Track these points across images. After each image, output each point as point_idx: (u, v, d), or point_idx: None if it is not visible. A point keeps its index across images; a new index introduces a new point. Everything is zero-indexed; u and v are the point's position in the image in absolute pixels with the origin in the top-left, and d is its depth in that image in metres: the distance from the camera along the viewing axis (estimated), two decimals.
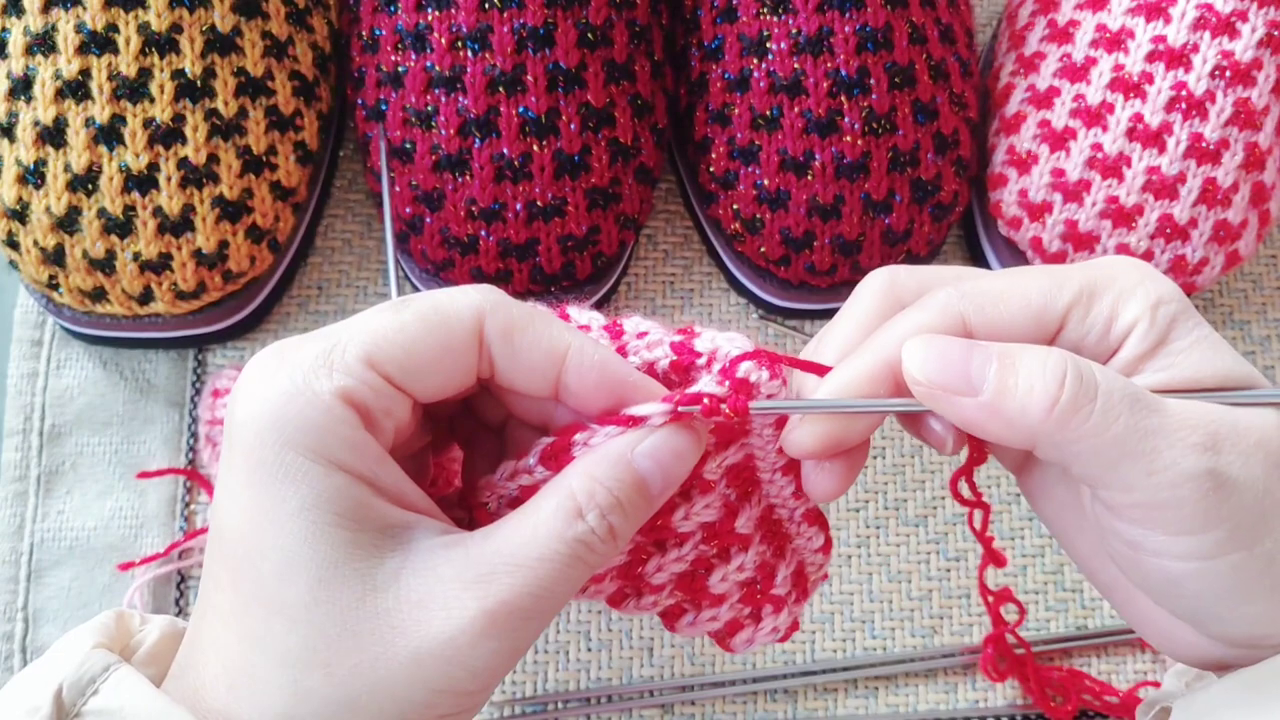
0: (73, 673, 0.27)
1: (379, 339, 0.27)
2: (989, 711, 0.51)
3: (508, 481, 0.29)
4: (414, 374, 0.27)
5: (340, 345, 0.27)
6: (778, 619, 0.33)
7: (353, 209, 0.58)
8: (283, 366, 0.26)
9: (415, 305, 0.27)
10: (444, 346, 0.27)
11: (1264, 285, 0.58)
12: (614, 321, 0.31)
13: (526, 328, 0.28)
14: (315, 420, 0.26)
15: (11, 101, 0.48)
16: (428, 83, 0.49)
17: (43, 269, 0.49)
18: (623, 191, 0.52)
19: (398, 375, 0.27)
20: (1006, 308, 0.29)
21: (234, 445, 0.27)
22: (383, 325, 0.27)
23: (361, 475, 0.26)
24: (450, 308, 0.27)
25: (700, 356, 0.29)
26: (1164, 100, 0.48)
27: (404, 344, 0.27)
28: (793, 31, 0.50)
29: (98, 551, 0.51)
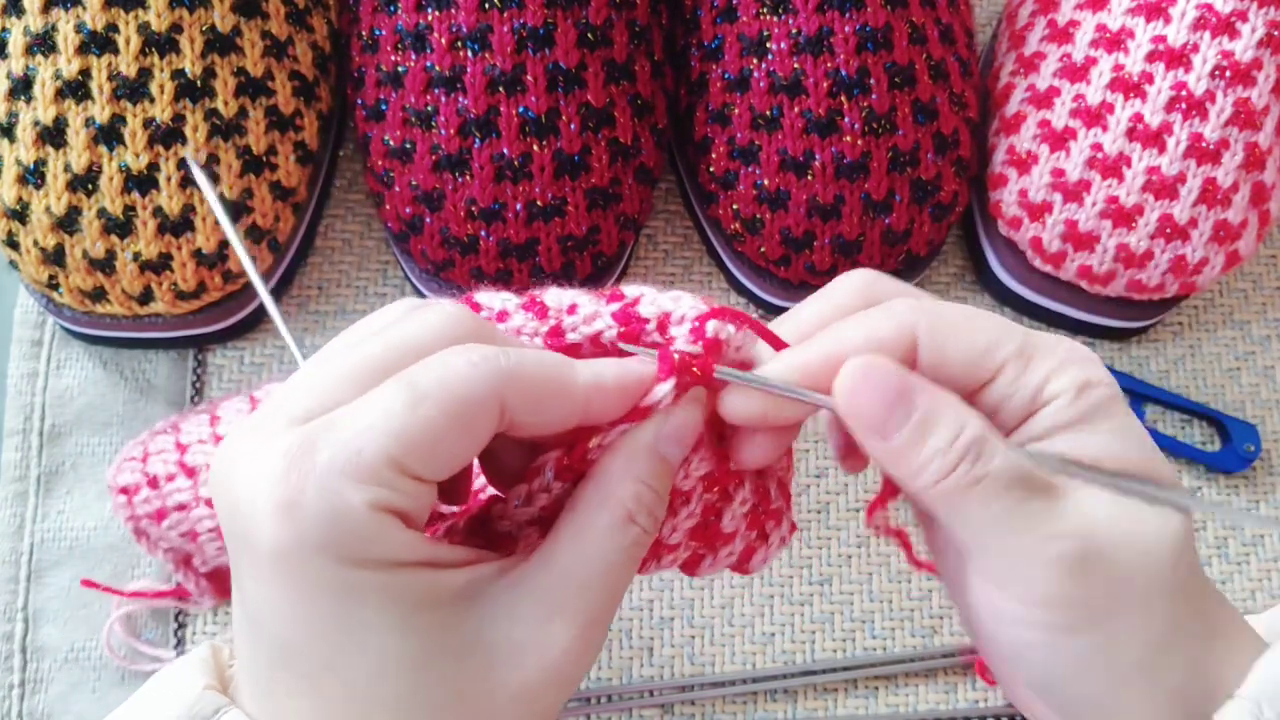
0: (186, 712, 0.27)
1: (402, 441, 0.25)
2: (989, 711, 0.51)
3: (525, 507, 0.29)
4: (439, 466, 0.27)
5: (363, 449, 0.25)
6: (781, 529, 0.34)
7: (353, 209, 0.58)
8: (306, 481, 0.25)
9: (432, 394, 0.26)
10: (468, 435, 0.26)
11: (1264, 285, 0.58)
12: (530, 299, 0.31)
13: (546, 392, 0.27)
14: (367, 534, 0.25)
15: (11, 101, 0.48)
16: (428, 83, 0.49)
17: (43, 269, 0.49)
18: (623, 191, 0.52)
19: (425, 473, 0.26)
20: (954, 339, 0.29)
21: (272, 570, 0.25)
22: (403, 424, 0.25)
23: (419, 563, 0.26)
24: (468, 391, 0.26)
25: (648, 322, 0.30)
26: (1164, 100, 0.48)
27: (429, 442, 0.26)
28: (793, 31, 0.50)
29: (98, 551, 0.51)
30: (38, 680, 0.50)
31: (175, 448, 0.47)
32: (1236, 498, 0.54)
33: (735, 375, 0.29)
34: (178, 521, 0.46)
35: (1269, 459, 0.55)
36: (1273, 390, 0.56)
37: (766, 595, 0.52)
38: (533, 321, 0.30)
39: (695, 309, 0.29)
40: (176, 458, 0.47)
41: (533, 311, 0.30)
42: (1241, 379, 0.57)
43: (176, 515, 0.46)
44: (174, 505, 0.46)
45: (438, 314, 0.28)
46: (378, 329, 0.28)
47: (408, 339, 0.27)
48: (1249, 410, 0.56)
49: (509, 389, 0.26)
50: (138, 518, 0.47)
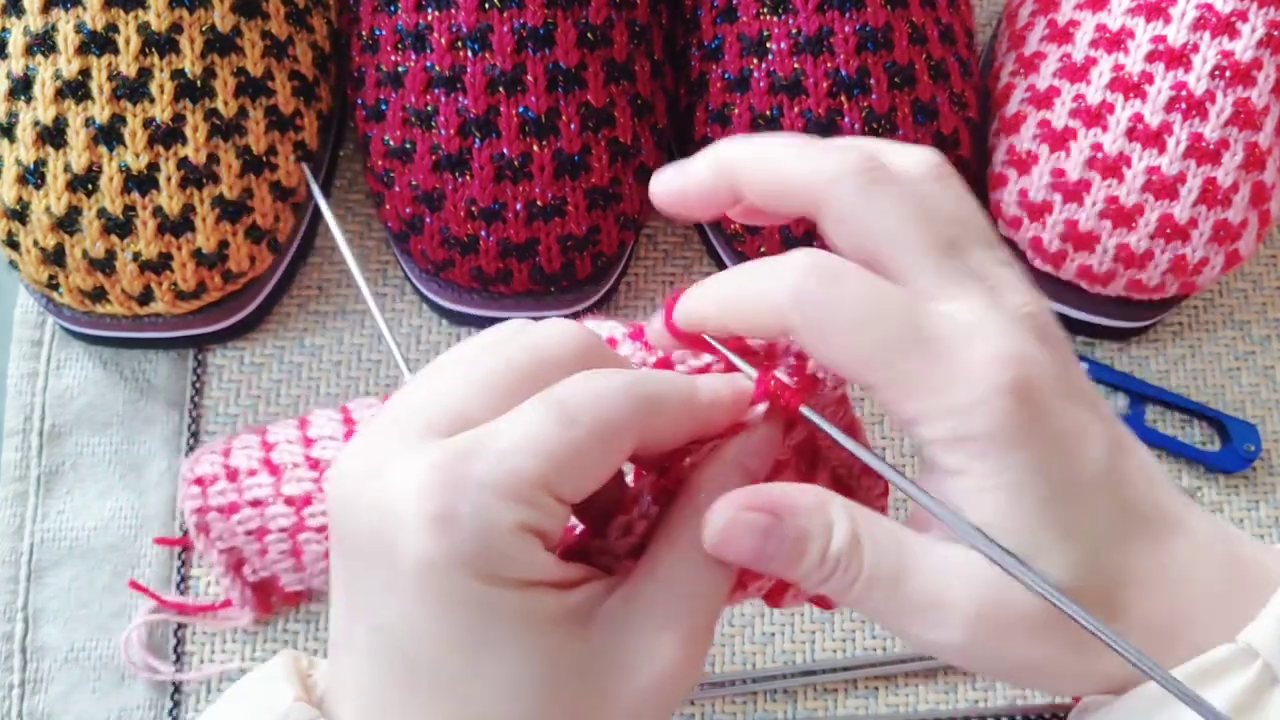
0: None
1: (555, 462, 0.26)
2: (989, 711, 0.51)
3: (625, 537, 0.30)
4: (581, 489, 0.27)
5: (516, 470, 0.25)
6: None
7: (353, 209, 0.58)
8: (457, 498, 0.25)
9: (582, 418, 0.26)
10: (612, 458, 0.27)
11: (1264, 285, 0.58)
12: (637, 329, 0.32)
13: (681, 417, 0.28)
14: (511, 555, 0.26)
15: (11, 101, 0.48)
16: (428, 83, 0.49)
17: (43, 269, 0.49)
18: (623, 191, 0.52)
19: (568, 495, 0.27)
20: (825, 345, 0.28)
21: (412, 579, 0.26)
22: (556, 445, 0.26)
23: (551, 583, 0.27)
24: (616, 417, 0.27)
25: (758, 354, 0.31)
26: (1164, 100, 0.48)
27: (577, 465, 0.26)
28: (793, 31, 0.50)
29: (98, 551, 0.51)
30: (38, 680, 0.50)
31: (261, 445, 0.47)
32: (1236, 497, 0.54)
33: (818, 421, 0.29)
34: (249, 517, 0.46)
35: (1269, 459, 0.55)
36: (1273, 390, 0.56)
37: None
38: (641, 352, 0.31)
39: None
40: (261, 455, 0.47)
41: (640, 342, 0.31)
42: (1241, 379, 0.57)
43: (249, 511, 0.46)
44: (249, 500, 0.46)
45: (566, 329, 0.28)
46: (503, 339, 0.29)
47: (541, 351, 0.28)
48: (1249, 410, 0.56)
49: (651, 415, 0.27)
50: (207, 509, 0.47)
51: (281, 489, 0.45)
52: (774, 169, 0.30)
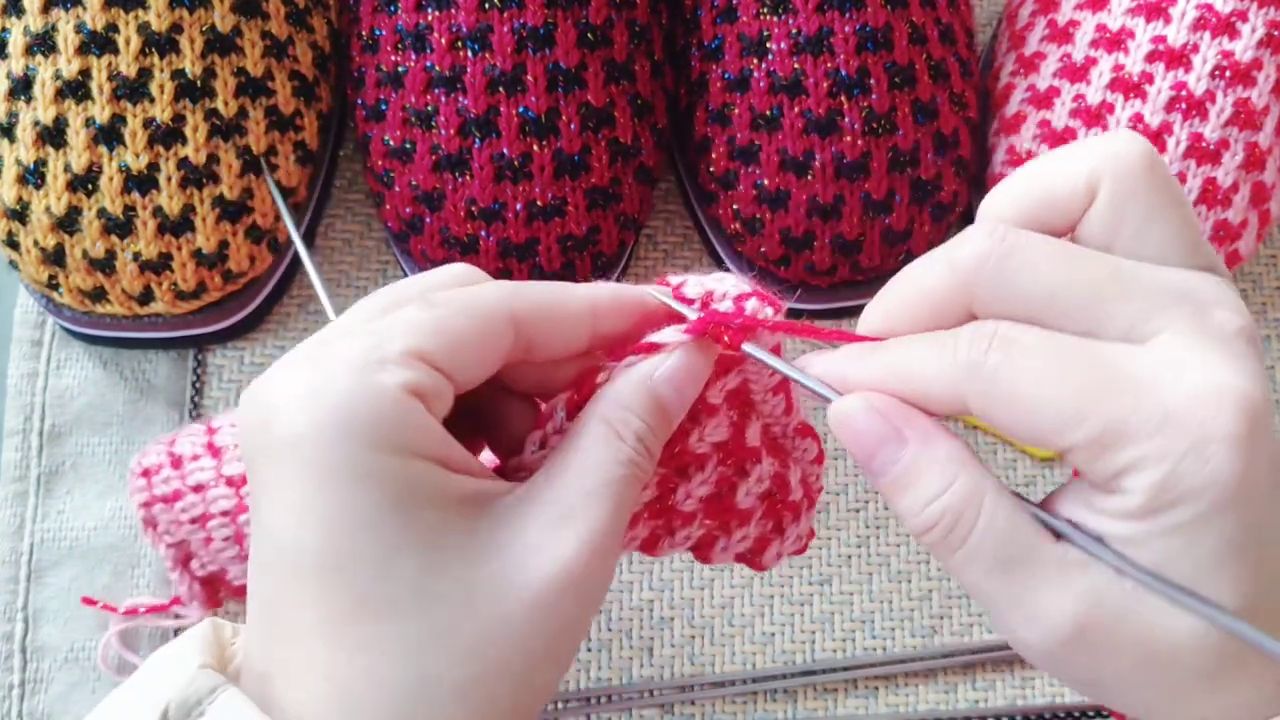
0: (179, 694, 0.27)
1: (423, 334, 0.27)
2: (989, 711, 0.51)
3: (540, 450, 0.30)
4: (458, 365, 0.28)
5: (385, 342, 0.27)
6: (798, 526, 0.35)
7: (353, 209, 0.58)
8: (330, 369, 0.26)
9: (447, 300, 0.28)
10: (483, 336, 0.28)
11: (1264, 285, 0.58)
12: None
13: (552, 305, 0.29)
14: (386, 415, 0.26)
15: (11, 101, 0.48)
16: (428, 83, 0.49)
17: (43, 269, 0.49)
18: (623, 191, 0.52)
19: (446, 366, 0.27)
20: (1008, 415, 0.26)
21: (290, 459, 0.26)
22: (422, 321, 0.27)
23: (436, 457, 0.27)
24: (481, 301, 0.28)
25: (693, 302, 0.31)
26: (1164, 100, 0.49)
27: (448, 337, 0.27)
28: (793, 31, 0.50)
29: (98, 551, 0.51)
30: (38, 680, 0.50)
31: (205, 431, 0.48)
32: None
33: (763, 356, 0.30)
34: (192, 504, 0.46)
35: None
36: (1273, 390, 0.56)
37: (766, 595, 0.52)
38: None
39: (738, 287, 0.31)
40: (205, 440, 0.47)
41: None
42: None
43: (192, 497, 0.46)
44: (192, 485, 0.46)
45: (451, 266, 0.30)
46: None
47: (420, 283, 0.29)
48: None
49: (518, 302, 0.28)
50: (153, 501, 0.47)
51: (222, 470, 0.46)
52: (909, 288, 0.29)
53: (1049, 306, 0.26)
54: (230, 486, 0.46)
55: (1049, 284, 0.26)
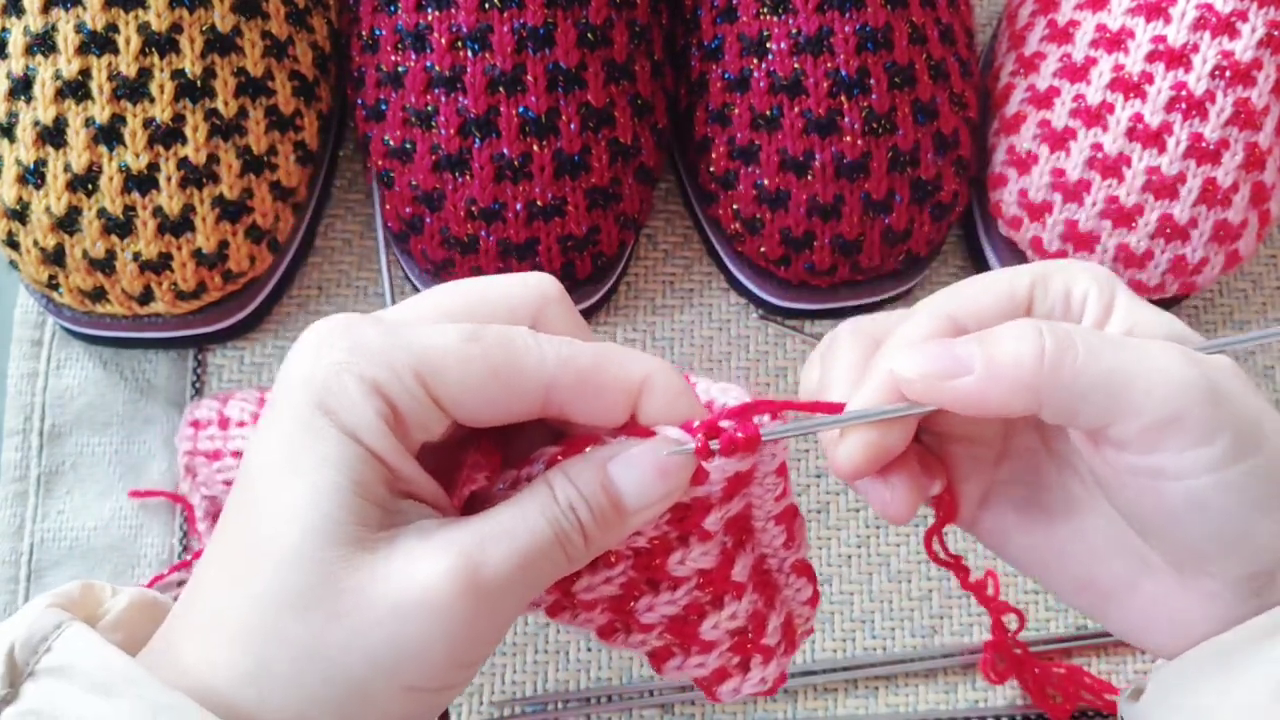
0: (24, 632, 0.27)
1: (438, 363, 0.27)
2: (989, 711, 0.51)
3: (508, 489, 0.29)
4: (464, 406, 0.28)
5: (400, 346, 0.27)
6: (765, 670, 0.33)
7: (353, 209, 0.58)
8: (342, 341, 0.27)
9: (488, 342, 0.27)
10: (506, 391, 0.28)
11: (1264, 285, 0.58)
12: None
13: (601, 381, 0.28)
14: (350, 395, 0.27)
15: (11, 101, 0.48)
16: (428, 83, 0.49)
17: (43, 269, 0.49)
18: (623, 191, 0.52)
19: (445, 400, 0.27)
20: (983, 298, 0.31)
21: (278, 400, 0.28)
22: (448, 349, 0.27)
23: (381, 458, 0.27)
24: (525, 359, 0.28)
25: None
26: (1164, 100, 0.48)
27: (461, 378, 0.27)
28: (793, 31, 0.50)
29: (98, 551, 0.51)
30: None
31: (258, 401, 0.48)
32: None
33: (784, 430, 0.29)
34: (228, 467, 0.47)
35: None
36: (1273, 390, 0.56)
37: None
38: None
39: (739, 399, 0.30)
40: (255, 410, 0.48)
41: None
42: None
43: (230, 460, 0.47)
44: (232, 450, 0.47)
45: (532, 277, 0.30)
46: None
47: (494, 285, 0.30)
48: None
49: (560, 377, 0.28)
50: (195, 453, 0.48)
51: None
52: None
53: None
54: None
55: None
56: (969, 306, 0.31)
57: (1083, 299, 0.31)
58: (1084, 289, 0.31)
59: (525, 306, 0.29)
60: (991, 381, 0.29)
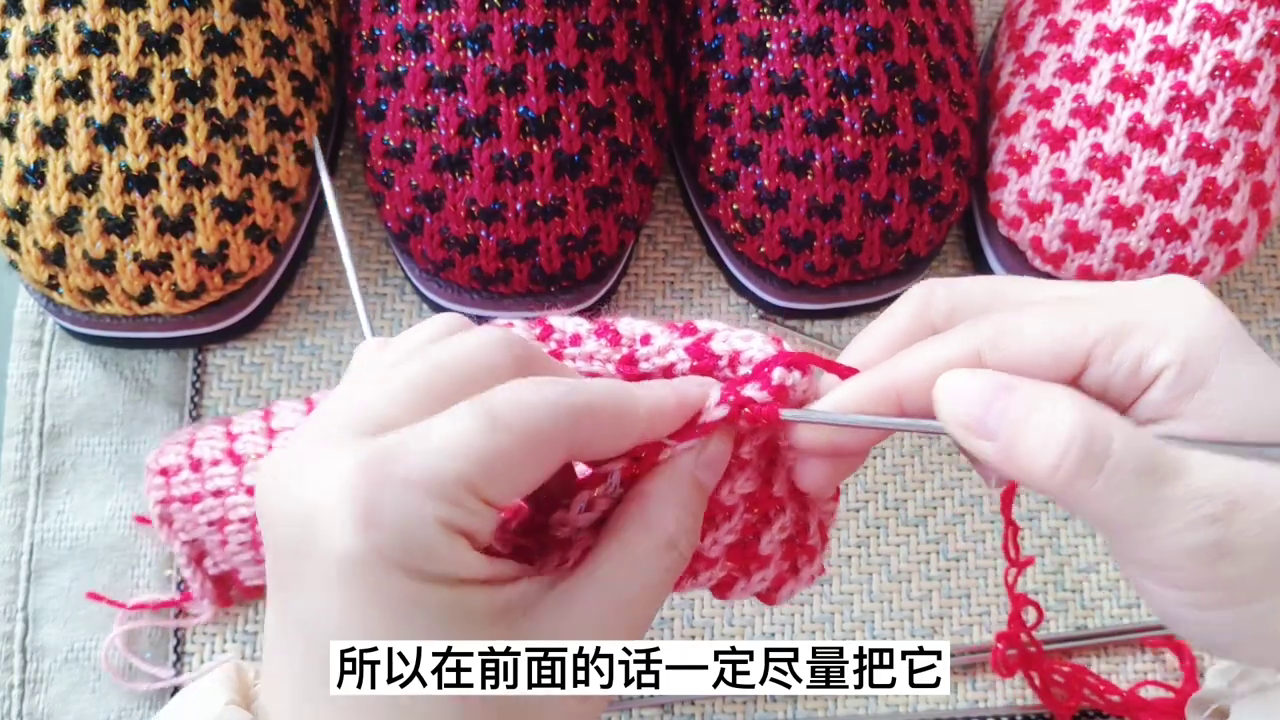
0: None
1: (478, 465, 0.26)
2: (989, 711, 0.51)
3: (586, 513, 0.30)
4: (510, 493, 0.27)
5: (439, 471, 0.26)
6: (812, 567, 0.35)
7: (353, 209, 0.58)
8: (380, 496, 0.25)
9: (509, 424, 0.26)
10: (540, 465, 0.27)
11: (1264, 285, 0.58)
12: (603, 325, 0.32)
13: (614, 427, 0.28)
14: (436, 551, 0.26)
15: (11, 101, 0.48)
16: (428, 83, 0.49)
17: (43, 269, 0.49)
18: (623, 191, 0.52)
19: (494, 498, 0.27)
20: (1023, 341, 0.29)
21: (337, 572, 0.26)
22: (481, 449, 0.26)
23: (480, 581, 0.27)
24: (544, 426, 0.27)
25: (720, 358, 0.31)
26: (1164, 100, 0.48)
27: (502, 469, 0.26)
28: (793, 31, 0.50)
29: (98, 551, 0.51)
30: (38, 680, 0.50)
31: (225, 436, 0.48)
32: None
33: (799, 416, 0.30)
34: (210, 508, 0.47)
35: None
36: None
37: None
38: (606, 348, 0.31)
39: (763, 351, 0.31)
40: (225, 445, 0.47)
41: (605, 338, 0.31)
42: None
43: (211, 501, 0.47)
44: (211, 490, 0.47)
45: (501, 338, 0.28)
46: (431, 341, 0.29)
47: (473, 358, 0.28)
48: None
49: (581, 425, 0.27)
50: (170, 500, 0.47)
51: (243, 479, 0.46)
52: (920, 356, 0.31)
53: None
54: (250, 495, 0.46)
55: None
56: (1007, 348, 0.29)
57: (1156, 372, 0.28)
58: (1162, 362, 0.28)
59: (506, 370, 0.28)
60: (1004, 462, 0.28)
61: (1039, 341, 0.28)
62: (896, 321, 0.31)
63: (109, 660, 0.50)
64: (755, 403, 0.30)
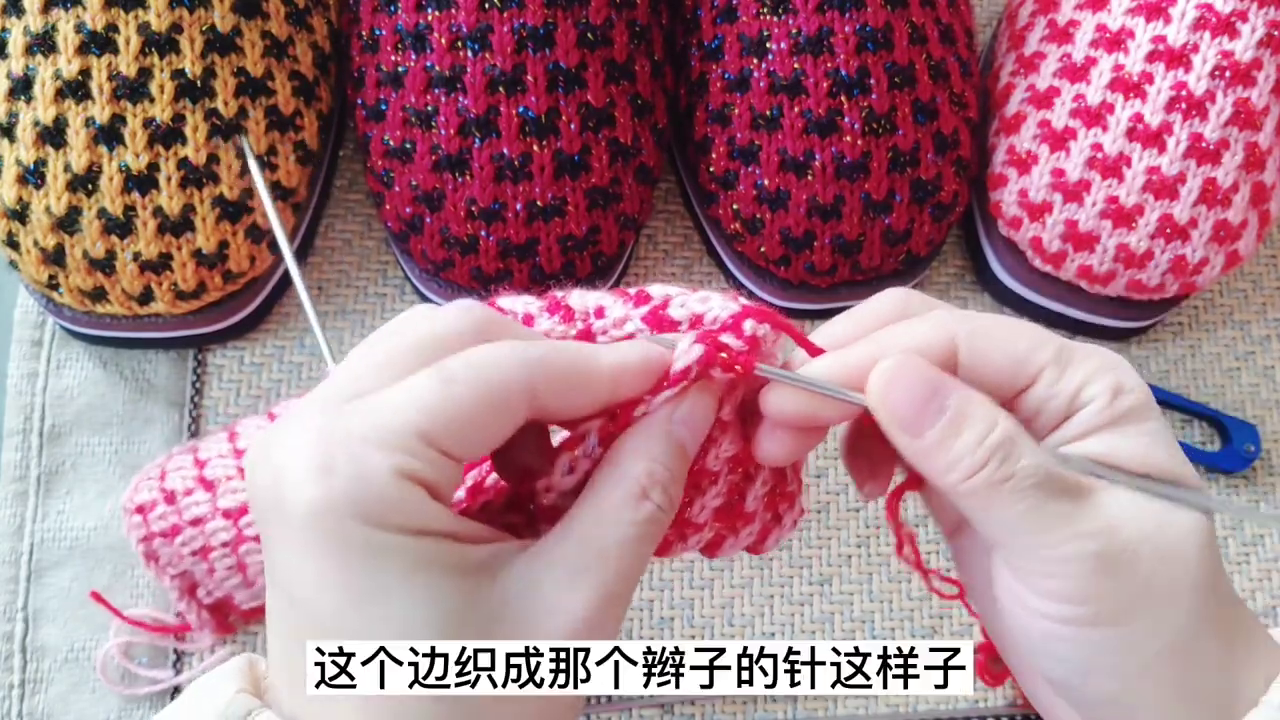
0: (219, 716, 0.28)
1: (430, 415, 0.26)
2: (989, 711, 0.51)
3: (569, 476, 0.30)
4: (468, 444, 0.27)
5: (395, 420, 0.26)
6: (793, 512, 0.35)
7: (353, 209, 0.58)
8: (339, 444, 0.26)
9: (462, 375, 0.27)
10: (498, 417, 0.28)
11: (1264, 285, 0.58)
12: (554, 302, 0.31)
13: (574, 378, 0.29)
14: (392, 499, 0.26)
15: (11, 101, 0.48)
16: (428, 83, 0.49)
17: (43, 269, 0.49)
18: (623, 191, 0.52)
19: (454, 449, 0.27)
20: (993, 345, 0.30)
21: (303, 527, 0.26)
22: (432, 399, 0.27)
23: (444, 533, 0.27)
24: (498, 376, 0.27)
25: (680, 324, 0.30)
26: (1164, 100, 0.48)
27: (458, 421, 0.27)
28: (793, 31, 0.50)
29: (98, 551, 0.51)
30: (38, 680, 0.50)
31: (194, 464, 0.48)
32: (1236, 497, 0.54)
33: (777, 373, 0.30)
34: (191, 538, 0.47)
35: (1269, 459, 0.55)
36: (1273, 390, 0.56)
37: (766, 595, 0.52)
38: (560, 325, 0.31)
39: (726, 308, 0.30)
40: (195, 473, 0.47)
41: (559, 314, 0.31)
42: (1241, 379, 0.57)
43: (191, 531, 0.46)
44: (189, 520, 0.46)
45: (464, 307, 0.29)
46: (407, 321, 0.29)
47: (435, 331, 0.28)
48: (1249, 410, 0.56)
49: (537, 376, 0.28)
50: (151, 536, 0.47)
51: (219, 503, 0.46)
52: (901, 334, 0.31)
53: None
54: (228, 519, 0.46)
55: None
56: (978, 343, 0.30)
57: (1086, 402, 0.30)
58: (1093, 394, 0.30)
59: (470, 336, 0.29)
60: (923, 459, 0.29)
61: (1004, 349, 0.30)
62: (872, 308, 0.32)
63: (106, 670, 0.49)
64: (729, 348, 0.29)
